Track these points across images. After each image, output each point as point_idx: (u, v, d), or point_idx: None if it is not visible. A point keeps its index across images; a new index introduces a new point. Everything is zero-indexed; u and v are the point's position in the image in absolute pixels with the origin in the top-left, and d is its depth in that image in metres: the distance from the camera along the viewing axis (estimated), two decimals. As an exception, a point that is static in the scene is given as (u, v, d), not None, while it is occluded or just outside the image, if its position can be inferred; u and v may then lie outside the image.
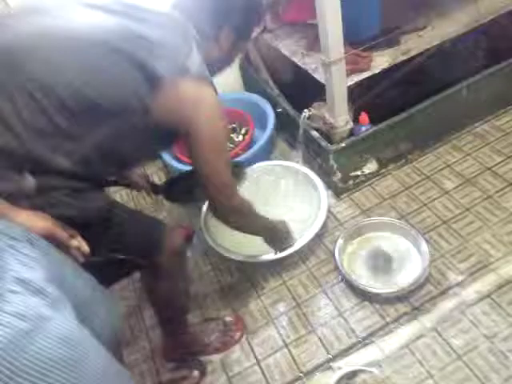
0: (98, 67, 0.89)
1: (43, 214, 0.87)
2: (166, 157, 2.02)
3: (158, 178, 2.23)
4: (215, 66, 1.12)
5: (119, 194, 2.19)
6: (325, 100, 1.66)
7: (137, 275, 1.38)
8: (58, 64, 0.88)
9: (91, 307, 0.82)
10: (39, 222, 0.85)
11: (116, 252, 1.08)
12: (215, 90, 1.01)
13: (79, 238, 0.90)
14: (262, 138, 1.98)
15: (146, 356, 1.57)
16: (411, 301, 1.46)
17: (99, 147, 0.92)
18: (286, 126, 2.08)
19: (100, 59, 0.89)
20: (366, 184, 1.88)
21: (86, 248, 0.91)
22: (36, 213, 0.86)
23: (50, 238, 0.83)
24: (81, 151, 0.90)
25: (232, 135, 2.20)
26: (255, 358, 1.46)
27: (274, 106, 2.09)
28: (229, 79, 2.37)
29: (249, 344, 1.50)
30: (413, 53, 1.66)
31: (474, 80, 1.81)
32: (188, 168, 1.71)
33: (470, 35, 1.72)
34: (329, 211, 1.81)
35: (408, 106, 1.78)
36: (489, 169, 1.80)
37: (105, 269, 1.03)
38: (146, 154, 1.14)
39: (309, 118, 1.69)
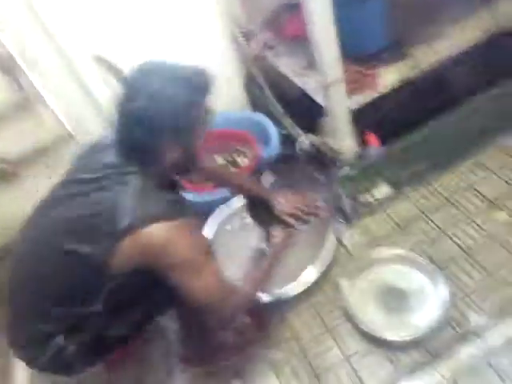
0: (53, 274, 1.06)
1: None
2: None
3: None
4: (181, 173, 1.14)
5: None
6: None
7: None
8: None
9: None
10: None
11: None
12: (176, 215, 1.00)
13: None
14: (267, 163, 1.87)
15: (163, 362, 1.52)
16: (427, 346, 1.30)
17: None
18: (292, 148, 1.95)
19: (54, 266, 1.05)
20: (379, 210, 1.72)
21: None
22: None
23: None
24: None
25: (237, 159, 2.10)
26: (254, 409, 1.34)
27: (281, 126, 1.97)
28: (234, 99, 2.27)
29: (248, 392, 1.38)
30: (424, 66, 1.50)
31: (495, 91, 1.63)
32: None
33: (488, 43, 1.55)
34: (337, 240, 1.66)
35: (422, 122, 1.62)
36: (516, 189, 1.62)
37: None
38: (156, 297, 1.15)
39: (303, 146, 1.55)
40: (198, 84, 1.00)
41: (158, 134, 0.98)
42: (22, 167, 2.06)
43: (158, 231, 0.96)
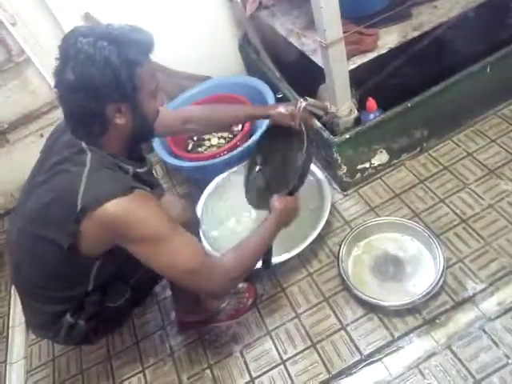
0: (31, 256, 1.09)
1: None
2: (161, 152, 1.89)
3: (156, 173, 2.10)
4: (138, 139, 1.06)
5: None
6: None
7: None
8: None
9: None
10: None
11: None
12: (132, 189, 0.96)
13: None
14: (262, 127, 1.81)
15: (158, 327, 1.54)
16: (423, 313, 1.30)
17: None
18: (288, 113, 1.89)
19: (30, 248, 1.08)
20: (376, 177, 1.70)
21: None
22: None
23: None
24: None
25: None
26: (249, 374, 1.34)
27: (276, 90, 1.91)
28: (228, 62, 2.20)
29: (243, 358, 1.38)
30: (426, 27, 1.43)
31: (499, 55, 1.57)
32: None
33: (494, 4, 1.48)
34: (334, 208, 1.64)
35: (423, 88, 1.56)
36: (517, 157, 1.59)
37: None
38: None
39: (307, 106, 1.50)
40: (137, 42, 0.92)
41: (97, 100, 0.92)
42: (11, 133, 2.02)
43: (114, 208, 0.93)
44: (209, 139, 2.01)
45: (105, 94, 0.91)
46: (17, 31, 1.77)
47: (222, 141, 1.98)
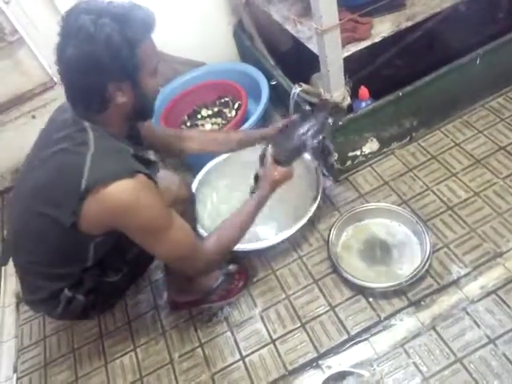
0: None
1: None
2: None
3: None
4: (138, 117, 1.08)
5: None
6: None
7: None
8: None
9: None
10: None
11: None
12: (136, 172, 0.97)
13: None
14: (255, 113, 1.83)
15: (150, 307, 1.56)
16: (409, 295, 1.35)
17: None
18: (281, 100, 1.91)
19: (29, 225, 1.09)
20: (366, 165, 1.73)
21: None
22: None
23: None
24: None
25: (224, 110, 2.06)
26: (239, 353, 1.37)
27: (270, 77, 1.93)
28: (222, 48, 2.20)
29: (234, 337, 1.41)
30: (419, 18, 1.46)
31: (489, 48, 1.60)
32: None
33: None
34: (324, 194, 1.67)
35: (414, 78, 1.59)
36: (502, 148, 1.63)
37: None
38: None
39: (300, 93, 1.52)
40: (138, 20, 0.92)
41: (98, 78, 0.92)
42: (2, 114, 2.01)
43: (117, 191, 0.94)
44: (202, 124, 2.03)
45: (106, 72, 0.92)
46: (10, 10, 1.75)
47: (216, 127, 1.99)
